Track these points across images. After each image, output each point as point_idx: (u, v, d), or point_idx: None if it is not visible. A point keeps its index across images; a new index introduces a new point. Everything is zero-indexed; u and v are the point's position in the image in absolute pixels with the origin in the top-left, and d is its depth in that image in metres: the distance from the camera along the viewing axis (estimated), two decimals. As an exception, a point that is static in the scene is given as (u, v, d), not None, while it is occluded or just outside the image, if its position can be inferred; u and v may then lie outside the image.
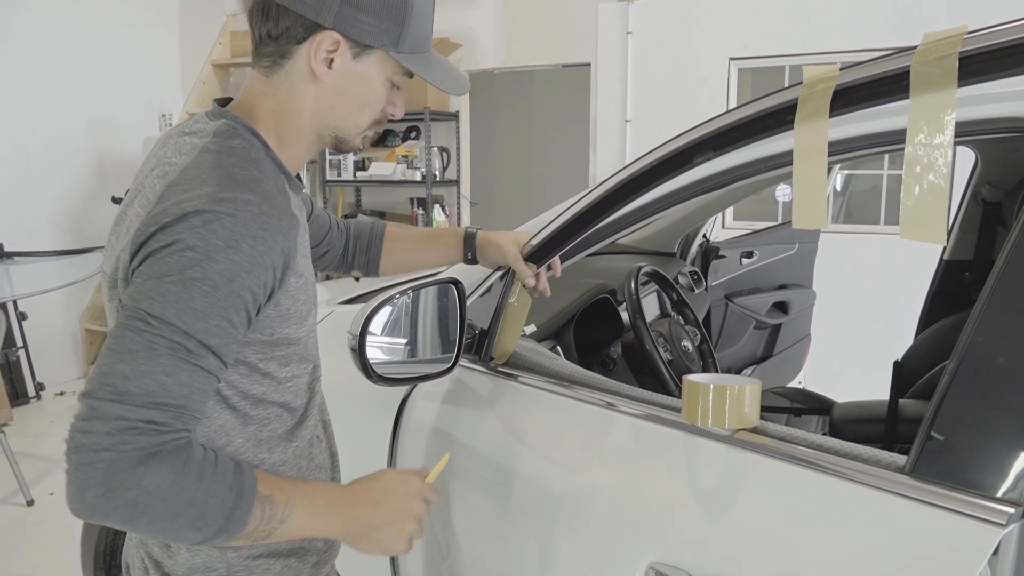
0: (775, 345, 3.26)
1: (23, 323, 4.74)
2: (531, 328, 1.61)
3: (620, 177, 1.21)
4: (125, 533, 1.98)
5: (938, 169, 0.81)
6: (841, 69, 0.92)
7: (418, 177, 5.32)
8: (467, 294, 1.37)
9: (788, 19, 4.32)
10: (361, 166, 5.57)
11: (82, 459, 0.75)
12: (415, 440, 1.38)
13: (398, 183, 5.40)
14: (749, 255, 3.11)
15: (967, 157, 2.16)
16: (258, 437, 0.97)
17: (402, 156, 5.41)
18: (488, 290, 1.42)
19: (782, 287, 3.25)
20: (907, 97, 0.84)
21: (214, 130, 0.93)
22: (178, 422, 0.80)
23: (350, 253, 1.41)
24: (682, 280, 2.71)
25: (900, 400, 1.83)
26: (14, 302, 4.61)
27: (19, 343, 4.74)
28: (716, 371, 1.87)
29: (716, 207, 2.78)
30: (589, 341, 1.89)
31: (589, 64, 4.99)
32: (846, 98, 0.91)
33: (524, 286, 1.33)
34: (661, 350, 1.69)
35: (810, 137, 0.92)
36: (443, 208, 5.49)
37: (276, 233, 0.86)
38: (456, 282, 1.33)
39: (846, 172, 4.97)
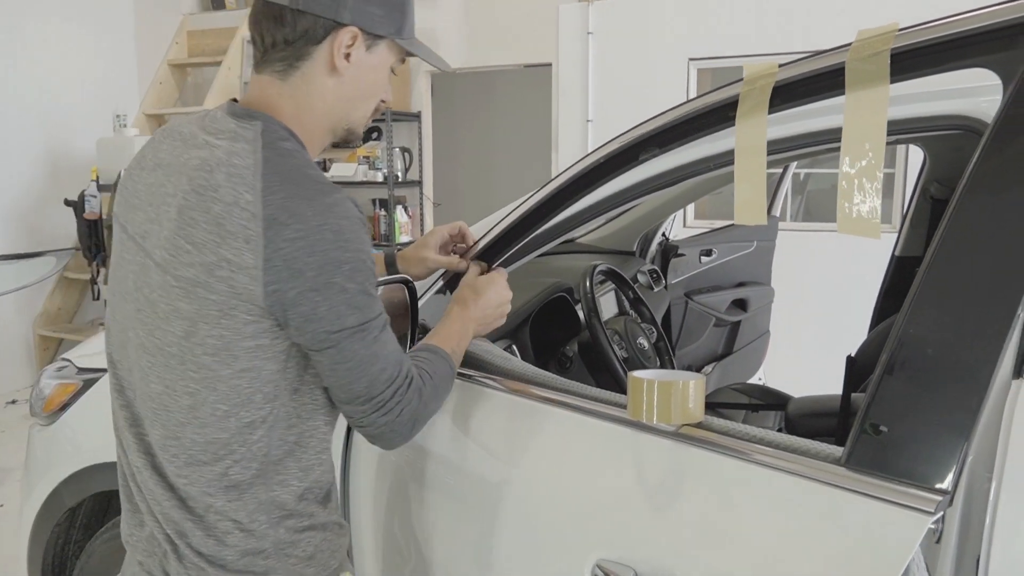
0: (735, 342, 3.29)
1: (-28, 329, 4.61)
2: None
3: (567, 175, 1.22)
4: (74, 540, 1.94)
5: (872, 165, 0.82)
6: (780, 66, 0.93)
7: (380, 178, 5.28)
8: (419, 294, 1.36)
9: (747, 19, 4.37)
10: (322, 167, 5.52)
11: (394, 426, 1.00)
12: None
13: (360, 184, 5.36)
14: (708, 253, 3.14)
15: (918, 154, 2.20)
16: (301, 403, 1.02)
17: (363, 157, 5.37)
18: (441, 290, 1.41)
19: (741, 284, 3.29)
20: (843, 93, 0.85)
21: (259, 132, 0.96)
22: (407, 359, 1.02)
23: None
24: (641, 279, 2.72)
25: (852, 394, 1.87)
26: (-38, 308, 4.48)
27: (-32, 350, 4.61)
28: (672, 368, 1.88)
29: (674, 206, 2.80)
30: (546, 341, 1.89)
31: (550, 64, 5.01)
32: (785, 94, 0.92)
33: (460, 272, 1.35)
34: (616, 348, 1.69)
35: (750, 133, 0.93)
36: (406, 209, 5.46)
37: (363, 221, 0.97)
38: (407, 281, 1.32)
39: (803, 171, 5.06)
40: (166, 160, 0.98)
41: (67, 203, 4.82)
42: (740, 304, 3.25)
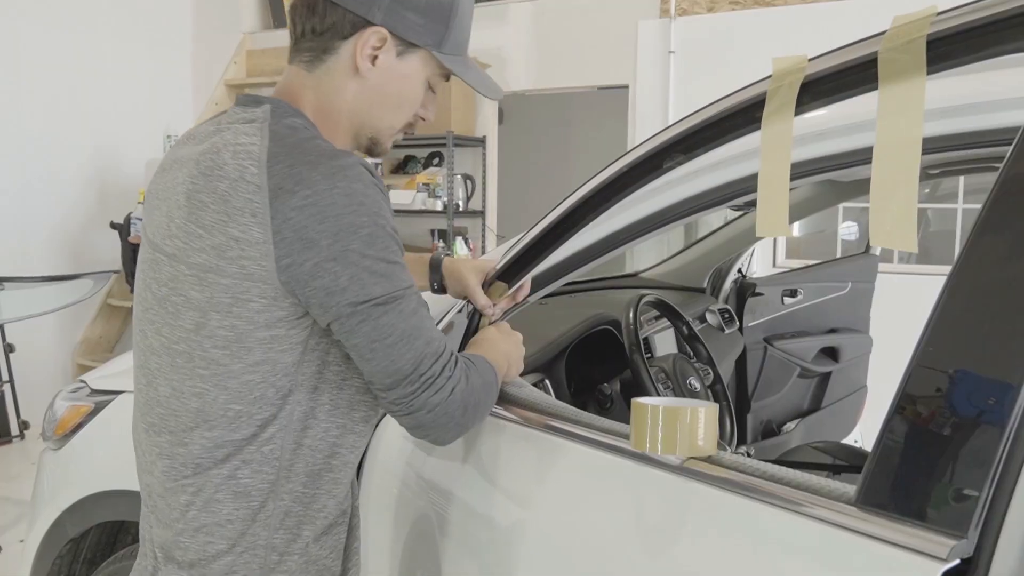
0: (824, 397, 3.18)
1: (10, 356, 4.89)
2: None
3: (588, 188, 1.22)
4: (80, 569, 2.00)
5: (908, 166, 0.80)
6: (810, 60, 0.92)
7: (440, 207, 5.39)
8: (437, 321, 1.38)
9: (839, 39, 4.31)
10: (379, 194, 5.66)
11: (446, 407, 0.99)
12: (383, 473, 1.37)
13: (418, 213, 5.48)
14: (792, 294, 3.07)
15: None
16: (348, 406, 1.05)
17: (423, 184, 5.49)
18: (450, 325, 1.42)
19: (832, 331, 3.19)
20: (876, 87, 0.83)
21: (268, 112, 1.00)
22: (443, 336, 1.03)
23: None
24: (710, 318, 2.68)
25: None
26: (2, 334, 4.77)
27: (5, 377, 4.88)
28: (731, 416, 1.84)
29: (750, 238, 2.76)
30: (590, 378, 1.88)
31: (627, 86, 5.04)
32: (815, 90, 0.91)
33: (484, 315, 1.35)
34: (661, 387, 1.67)
35: (777, 135, 0.92)
36: (466, 241, 5.54)
37: (383, 189, 0.98)
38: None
39: (927, 206, 4.88)
40: (180, 157, 1.04)
41: (113, 226, 5.10)
42: (831, 353, 3.15)
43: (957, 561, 0.64)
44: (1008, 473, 0.68)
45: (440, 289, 1.40)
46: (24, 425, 5.00)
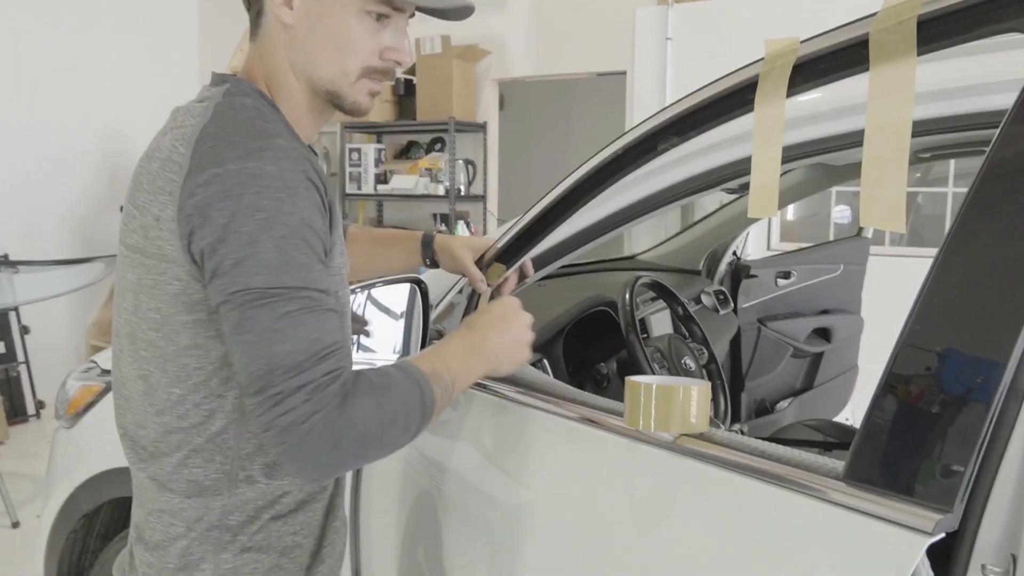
0: (816, 376, 3.18)
1: (25, 337, 4.90)
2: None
3: (584, 170, 1.21)
4: (91, 550, 2.02)
5: (898, 148, 0.79)
6: (803, 41, 0.91)
7: (442, 191, 5.38)
8: (432, 299, 1.38)
9: (833, 21, 4.27)
10: (382, 179, 5.66)
11: (298, 434, 0.83)
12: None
13: (420, 198, 5.47)
14: (786, 275, 3.06)
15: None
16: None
17: (425, 169, 5.48)
18: (450, 306, 1.42)
19: (824, 312, 3.18)
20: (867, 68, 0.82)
21: (222, 92, 0.95)
22: (345, 360, 0.88)
23: None
24: (705, 300, 2.67)
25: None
26: (17, 316, 4.77)
27: (20, 358, 4.89)
28: (725, 395, 1.83)
29: (744, 221, 2.74)
30: (587, 358, 1.88)
31: (625, 72, 5.01)
32: (808, 72, 0.89)
33: (477, 292, 1.33)
34: (657, 366, 1.66)
35: (769, 116, 0.90)
36: (468, 225, 5.53)
37: (318, 174, 0.91)
38: (419, 281, 1.34)
39: (918, 190, 4.86)
40: (157, 140, 1.00)
41: (122, 210, 5.09)
42: (823, 334, 3.14)
43: (943, 535, 0.64)
44: (993, 449, 0.68)
45: (433, 264, 1.37)
46: (40, 404, 5.01)
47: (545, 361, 1.70)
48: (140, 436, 0.98)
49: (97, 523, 2.00)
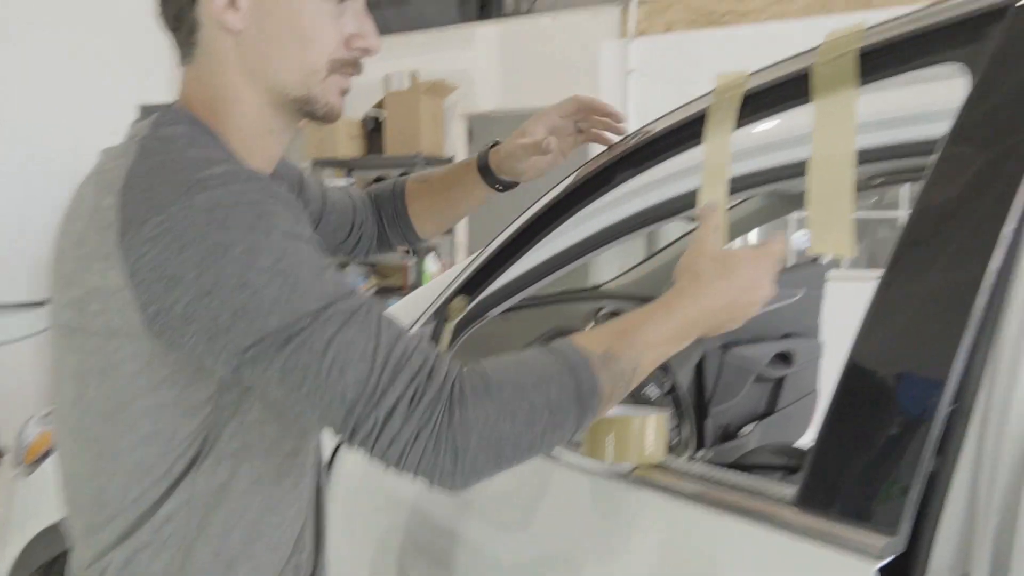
0: (778, 400, 3.19)
1: (-12, 379, 4.77)
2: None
3: (542, 203, 1.21)
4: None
5: (843, 176, 0.79)
6: (751, 75, 0.92)
7: (410, 224, 5.35)
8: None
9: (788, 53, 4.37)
10: (351, 213, 5.62)
11: (414, 458, 0.70)
12: (347, 488, 1.34)
13: (389, 230, 5.44)
14: (748, 302, 3.07)
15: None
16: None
17: (394, 202, 5.46)
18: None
19: (785, 336, 3.20)
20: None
21: (149, 123, 0.81)
22: (423, 353, 0.73)
23: (386, 228, 1.29)
24: (670, 327, 2.67)
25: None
26: (-21, 355, 4.65)
27: (-18, 400, 4.76)
28: (690, 421, 1.83)
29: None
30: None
31: (589, 105, 5.06)
32: (756, 103, 0.90)
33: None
34: (620, 395, 1.65)
35: (716, 149, 0.91)
36: (438, 256, 5.52)
37: (279, 198, 0.74)
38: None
39: (873, 214, 4.95)
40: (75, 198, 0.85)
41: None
42: (784, 358, 3.15)
43: (892, 557, 0.64)
44: (942, 470, 0.68)
45: (506, 186, 1.23)
46: None
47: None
48: (91, 543, 0.82)
49: (53, 574, 1.94)
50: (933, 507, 0.68)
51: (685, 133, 0.99)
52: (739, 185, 0.98)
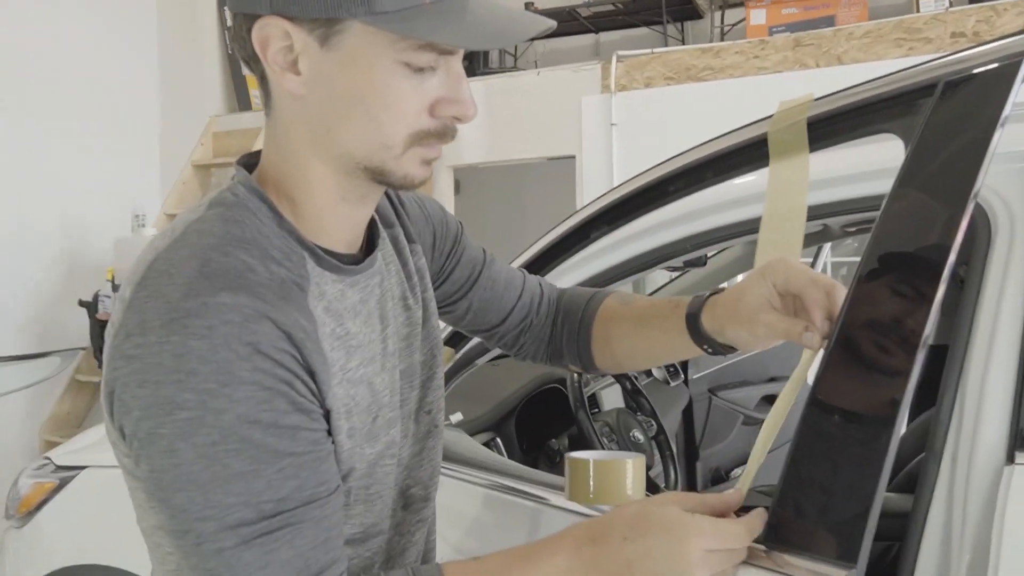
0: (767, 443, 3.23)
1: (-24, 435, 4.76)
2: (456, 416, 1.64)
3: (530, 253, 1.28)
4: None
5: (794, 232, 0.86)
6: (709, 141, 0.99)
7: (400, 275, 5.41)
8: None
9: (762, 106, 4.51)
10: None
11: None
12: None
13: (380, 281, 5.49)
14: (733, 346, 3.13)
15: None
16: None
17: (383, 253, 5.52)
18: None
19: (772, 380, 3.26)
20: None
21: (210, 200, 0.75)
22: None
23: (559, 337, 1.06)
24: (656, 372, 2.73)
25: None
26: (-31, 412, 4.65)
27: (-30, 457, 4.74)
28: (674, 465, 1.87)
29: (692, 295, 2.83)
30: (542, 435, 1.91)
31: (574, 156, 5.19)
32: (717, 167, 0.98)
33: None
34: (606, 440, 1.70)
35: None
36: (427, 306, 5.56)
37: (276, 338, 0.67)
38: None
39: (846, 259, 5.05)
40: None
41: (81, 303, 5.04)
42: (771, 401, 3.21)
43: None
44: (917, 508, 0.72)
45: (718, 350, 0.94)
46: (-10, 504, 4.83)
47: (498, 439, 1.73)
48: None
49: (50, 628, 1.94)
50: (911, 544, 0.73)
51: (660, 191, 1.06)
52: (721, 235, 1.08)
